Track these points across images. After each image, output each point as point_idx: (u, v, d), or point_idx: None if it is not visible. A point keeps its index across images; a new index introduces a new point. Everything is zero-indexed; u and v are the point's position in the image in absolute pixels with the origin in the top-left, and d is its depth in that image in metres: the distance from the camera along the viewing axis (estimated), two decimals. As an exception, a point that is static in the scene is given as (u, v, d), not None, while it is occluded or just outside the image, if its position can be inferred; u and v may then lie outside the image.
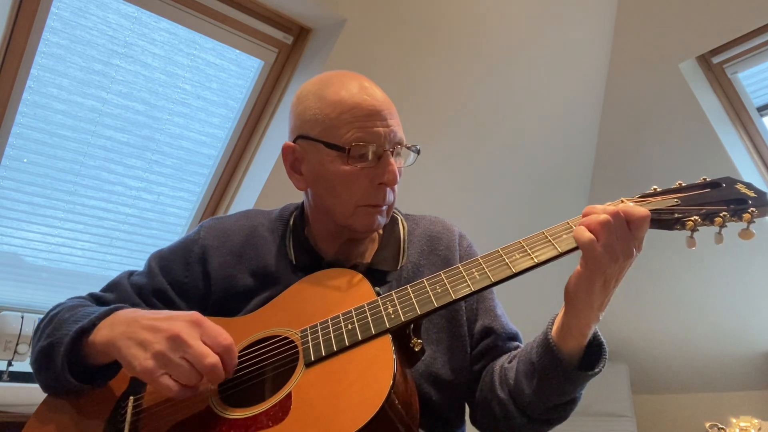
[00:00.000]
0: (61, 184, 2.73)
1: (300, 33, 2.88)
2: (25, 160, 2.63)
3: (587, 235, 0.95)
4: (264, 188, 2.91)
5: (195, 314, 1.00)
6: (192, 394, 0.97)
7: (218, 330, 0.98)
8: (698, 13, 3.06)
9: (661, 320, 4.05)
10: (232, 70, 2.90)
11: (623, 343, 4.18)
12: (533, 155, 3.64)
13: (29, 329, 2.50)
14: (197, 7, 2.61)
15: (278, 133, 2.91)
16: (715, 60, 3.27)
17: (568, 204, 3.93)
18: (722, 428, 1.87)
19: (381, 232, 1.35)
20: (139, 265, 1.38)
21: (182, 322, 0.98)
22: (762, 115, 3.36)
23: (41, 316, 2.57)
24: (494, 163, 3.58)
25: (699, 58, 3.31)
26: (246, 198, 3.02)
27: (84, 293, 1.31)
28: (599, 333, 1.06)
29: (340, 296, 1.12)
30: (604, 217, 0.95)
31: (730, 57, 3.21)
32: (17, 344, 2.48)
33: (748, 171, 3.33)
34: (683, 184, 1.05)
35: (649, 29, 3.23)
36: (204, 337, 0.97)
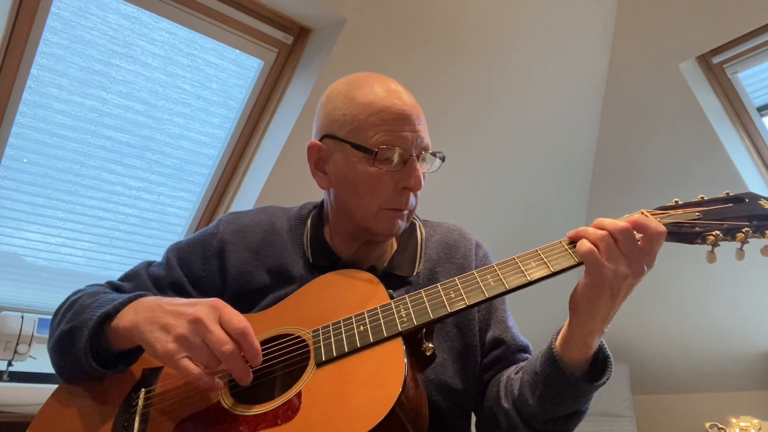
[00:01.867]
0: (61, 184, 2.73)
1: (300, 33, 2.88)
2: (25, 160, 2.62)
3: (587, 245, 0.95)
4: (264, 188, 2.91)
5: (216, 300, 1.02)
6: (211, 381, 0.98)
7: (235, 314, 0.99)
8: (698, 13, 3.06)
9: (661, 320, 4.06)
10: (232, 70, 2.90)
11: (623, 343, 4.18)
12: (533, 155, 3.65)
13: (29, 329, 2.50)
14: (197, 7, 2.61)
15: (278, 133, 2.91)
16: (715, 60, 3.27)
17: (569, 204, 3.94)
18: (722, 428, 1.87)
19: (399, 236, 1.34)
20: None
21: (204, 307, 0.99)
22: (762, 115, 3.36)
23: (41, 316, 2.58)
24: (494, 164, 3.59)
25: (699, 58, 3.31)
26: (246, 198, 3.02)
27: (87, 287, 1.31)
28: (606, 346, 1.05)
29: (353, 297, 1.11)
30: (616, 228, 0.95)
31: (730, 57, 3.22)
32: (17, 344, 2.48)
33: (748, 171, 3.34)
34: (705, 198, 1.05)
35: (649, 29, 3.23)
36: (221, 321, 0.98)
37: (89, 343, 1.07)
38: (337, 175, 1.24)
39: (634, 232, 0.95)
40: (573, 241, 1.01)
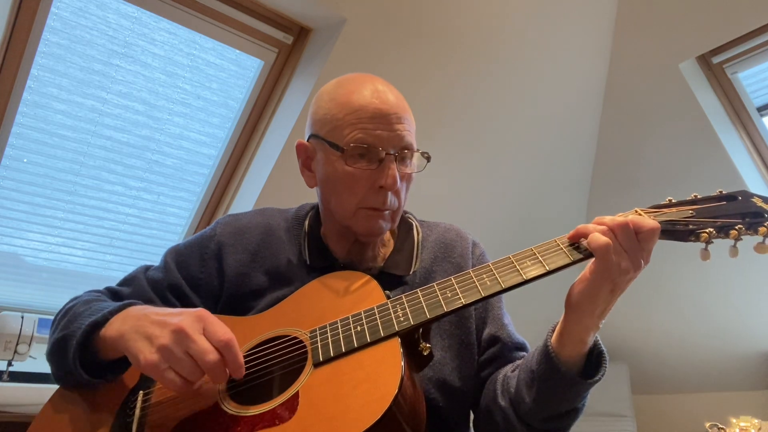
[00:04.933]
0: (61, 184, 2.73)
1: (300, 33, 2.88)
2: (25, 160, 2.62)
3: (604, 239, 0.95)
4: (264, 188, 2.91)
5: (201, 310, 1.01)
6: (193, 389, 0.98)
7: (220, 326, 0.98)
8: (698, 13, 3.06)
9: (661, 320, 4.06)
10: (232, 70, 2.90)
11: (623, 343, 4.18)
12: (533, 156, 3.65)
13: (29, 329, 2.50)
14: (197, 7, 2.61)
15: (278, 133, 2.91)
16: (715, 60, 3.27)
17: (569, 204, 3.94)
18: (722, 428, 1.86)
19: (396, 234, 1.35)
20: (139, 265, 1.39)
21: (188, 317, 0.99)
22: (762, 115, 3.37)
23: (41, 316, 2.58)
24: (494, 164, 3.59)
25: (699, 58, 3.31)
26: (246, 198, 3.02)
27: (84, 293, 1.32)
28: (600, 342, 1.06)
29: (350, 298, 1.12)
30: (616, 224, 0.96)
31: (730, 57, 3.22)
32: (17, 344, 2.48)
33: (748, 171, 3.34)
34: (698, 196, 1.06)
35: (649, 29, 3.23)
36: (205, 332, 0.97)
37: (78, 352, 1.07)
38: (320, 173, 1.26)
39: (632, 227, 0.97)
40: (569, 240, 1.02)
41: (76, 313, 1.14)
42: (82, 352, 1.08)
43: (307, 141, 1.29)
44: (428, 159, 1.26)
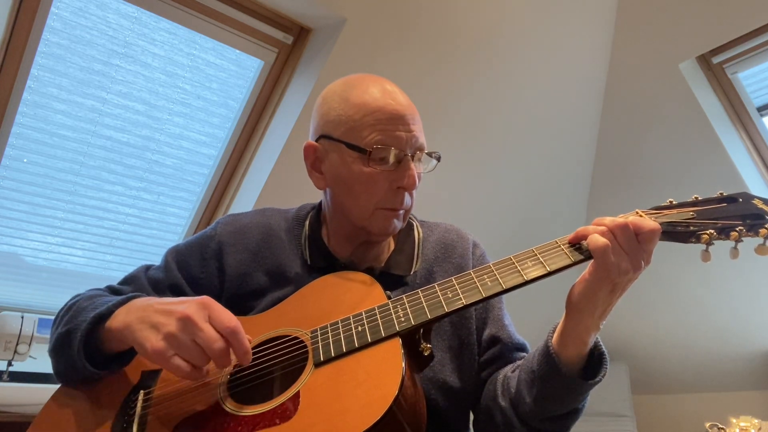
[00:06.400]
0: (61, 184, 2.73)
1: (300, 33, 2.88)
2: (25, 160, 2.62)
3: (602, 240, 0.96)
4: (264, 188, 2.91)
5: (205, 298, 1.02)
6: (202, 376, 0.99)
7: (225, 312, 0.99)
8: (698, 13, 3.06)
9: (661, 320, 4.06)
10: (232, 70, 2.90)
11: (623, 343, 4.18)
12: (533, 156, 3.65)
13: (29, 329, 2.50)
14: (197, 7, 2.61)
15: (278, 133, 2.91)
16: (715, 60, 3.27)
17: (569, 204, 3.94)
18: (722, 428, 1.85)
19: (397, 235, 1.35)
20: (139, 265, 1.39)
21: (194, 305, 0.99)
22: (762, 115, 3.37)
23: (41, 316, 2.58)
24: (494, 164, 3.59)
25: (699, 58, 3.31)
26: (246, 198, 3.02)
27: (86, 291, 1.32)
28: (601, 343, 1.07)
29: (351, 298, 1.12)
30: (616, 225, 0.96)
31: (730, 57, 3.22)
32: (17, 344, 2.48)
33: (748, 171, 3.34)
34: (699, 198, 1.06)
35: (649, 29, 3.23)
36: (211, 320, 0.98)
37: (83, 344, 1.08)
38: (333, 175, 1.25)
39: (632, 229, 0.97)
40: (570, 242, 1.02)
41: (80, 308, 1.15)
42: (87, 344, 1.09)
43: (316, 142, 1.28)
44: (438, 159, 1.27)
